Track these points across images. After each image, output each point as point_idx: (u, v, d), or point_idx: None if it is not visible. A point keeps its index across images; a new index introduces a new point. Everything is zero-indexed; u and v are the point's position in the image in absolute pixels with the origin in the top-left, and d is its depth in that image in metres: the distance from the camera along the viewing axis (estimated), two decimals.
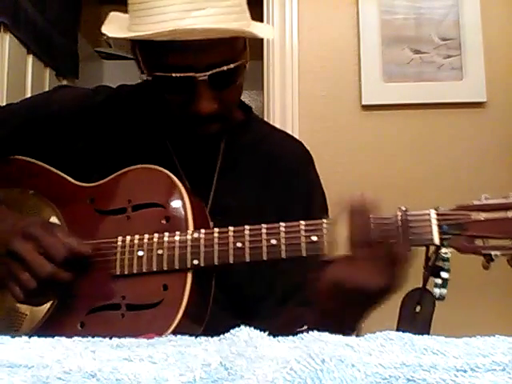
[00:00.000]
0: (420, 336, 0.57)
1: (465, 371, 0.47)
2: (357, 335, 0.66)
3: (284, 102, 1.91)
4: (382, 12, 1.91)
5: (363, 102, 1.88)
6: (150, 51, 0.94)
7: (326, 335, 0.59)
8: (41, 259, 0.86)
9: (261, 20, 1.92)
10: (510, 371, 0.47)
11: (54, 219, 0.99)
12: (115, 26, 0.98)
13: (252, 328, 0.60)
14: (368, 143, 1.88)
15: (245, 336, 0.58)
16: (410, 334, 0.57)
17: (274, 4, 1.96)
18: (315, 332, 0.60)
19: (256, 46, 1.02)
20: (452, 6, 1.91)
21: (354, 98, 1.90)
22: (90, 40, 3.07)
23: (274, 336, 0.60)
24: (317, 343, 0.55)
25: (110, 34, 0.96)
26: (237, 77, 0.95)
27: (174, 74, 0.90)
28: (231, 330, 0.61)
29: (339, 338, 0.58)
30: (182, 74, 0.90)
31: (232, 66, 0.92)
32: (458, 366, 0.47)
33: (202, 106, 0.92)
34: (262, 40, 1.95)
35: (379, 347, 0.54)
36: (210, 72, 0.90)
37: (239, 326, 0.61)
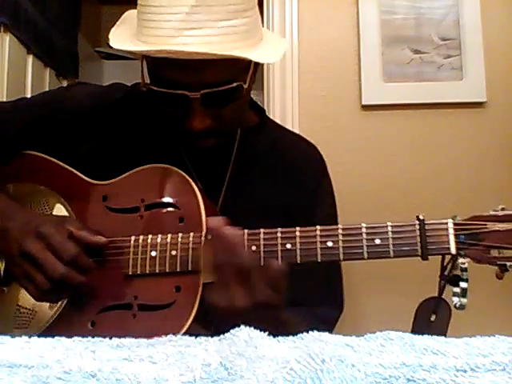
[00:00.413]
0: (420, 336, 0.57)
1: (465, 371, 0.47)
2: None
3: (284, 102, 1.91)
4: (381, 12, 1.91)
5: (363, 102, 1.88)
6: (148, 62, 0.95)
7: (325, 335, 0.59)
8: (53, 260, 0.86)
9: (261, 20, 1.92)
10: (509, 371, 0.47)
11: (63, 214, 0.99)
12: (125, 30, 0.98)
13: (252, 328, 0.60)
14: (368, 143, 1.88)
15: (245, 336, 0.58)
16: (410, 334, 0.57)
17: (273, 4, 1.96)
18: (315, 332, 0.60)
19: None
20: (452, 6, 1.91)
21: (354, 98, 1.90)
22: (90, 40, 3.07)
23: (274, 336, 0.60)
24: (317, 343, 0.55)
25: (111, 43, 0.96)
26: (234, 97, 0.93)
27: (167, 90, 0.90)
28: (231, 330, 0.61)
29: (339, 338, 0.58)
30: (174, 91, 0.90)
31: (227, 87, 0.90)
32: (458, 366, 0.48)
33: (193, 123, 0.92)
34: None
35: (379, 347, 0.54)
36: (203, 92, 0.89)
37: (239, 326, 0.62)
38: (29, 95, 2.02)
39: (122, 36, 0.96)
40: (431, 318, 0.82)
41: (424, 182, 1.83)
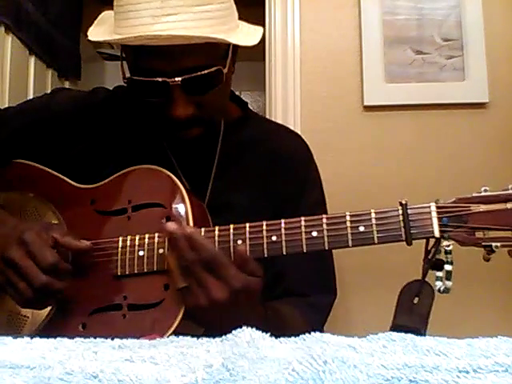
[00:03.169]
0: (422, 337, 0.57)
1: (467, 372, 0.47)
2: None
3: (286, 103, 1.91)
4: (383, 13, 1.91)
5: (365, 103, 1.88)
6: (128, 55, 0.95)
7: (327, 336, 0.59)
8: (33, 268, 0.86)
9: (262, 21, 1.92)
10: None
11: (54, 222, 0.99)
12: (103, 27, 0.99)
13: (254, 329, 0.60)
14: (370, 144, 1.88)
15: (247, 337, 0.58)
16: (413, 335, 0.57)
17: (275, 5, 1.96)
18: (317, 333, 0.60)
19: (258, 47, 1.01)
20: (454, 6, 1.90)
21: (356, 99, 1.90)
22: (93, 41, 3.07)
23: (276, 337, 0.60)
24: (319, 344, 0.55)
25: (89, 36, 0.97)
26: (214, 83, 0.94)
27: (147, 79, 0.91)
28: (233, 331, 0.61)
29: (341, 339, 0.58)
30: (154, 79, 0.90)
31: (206, 71, 0.91)
32: (461, 367, 0.47)
33: (176, 110, 0.92)
34: (263, 41, 1.95)
35: (381, 348, 0.54)
36: (183, 77, 0.90)
37: (241, 326, 0.61)
38: (31, 96, 2.03)
39: (101, 31, 0.97)
40: (414, 301, 0.81)
41: (426, 182, 1.83)
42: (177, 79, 0.90)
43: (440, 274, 0.81)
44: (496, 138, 1.85)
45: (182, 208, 0.91)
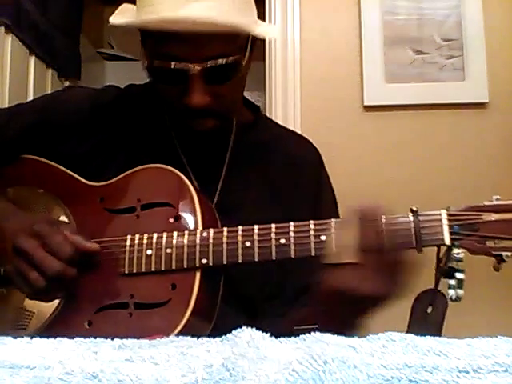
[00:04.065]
0: (422, 337, 0.57)
1: (467, 372, 0.47)
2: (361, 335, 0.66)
3: (286, 103, 1.91)
4: (384, 13, 1.91)
5: (365, 103, 1.88)
6: (149, 41, 0.94)
7: (328, 336, 0.59)
8: (48, 257, 0.86)
9: (263, 20, 1.92)
10: None
11: (63, 218, 0.99)
12: (123, 17, 0.99)
13: (254, 328, 0.60)
14: (370, 144, 1.88)
15: (247, 337, 0.58)
16: (413, 335, 0.57)
17: (275, 5, 1.96)
18: (317, 333, 0.60)
19: (258, 47, 1.01)
20: (454, 6, 1.91)
21: (356, 99, 1.90)
22: (92, 41, 3.07)
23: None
24: (319, 344, 0.55)
25: (111, 20, 0.96)
26: (233, 73, 0.94)
27: (167, 64, 0.90)
28: (233, 331, 0.61)
29: (341, 339, 0.58)
30: (175, 64, 0.90)
31: (227, 61, 0.91)
32: (461, 367, 0.47)
33: (192, 98, 0.92)
34: (264, 41, 1.95)
35: (381, 348, 0.54)
36: (203, 64, 0.89)
37: (242, 326, 0.61)
38: (31, 96, 2.03)
39: (119, 18, 0.97)
40: (427, 310, 0.81)
41: (426, 182, 1.83)
42: (197, 66, 0.89)
43: (452, 282, 0.80)
44: (496, 137, 1.85)
45: (190, 208, 0.91)
